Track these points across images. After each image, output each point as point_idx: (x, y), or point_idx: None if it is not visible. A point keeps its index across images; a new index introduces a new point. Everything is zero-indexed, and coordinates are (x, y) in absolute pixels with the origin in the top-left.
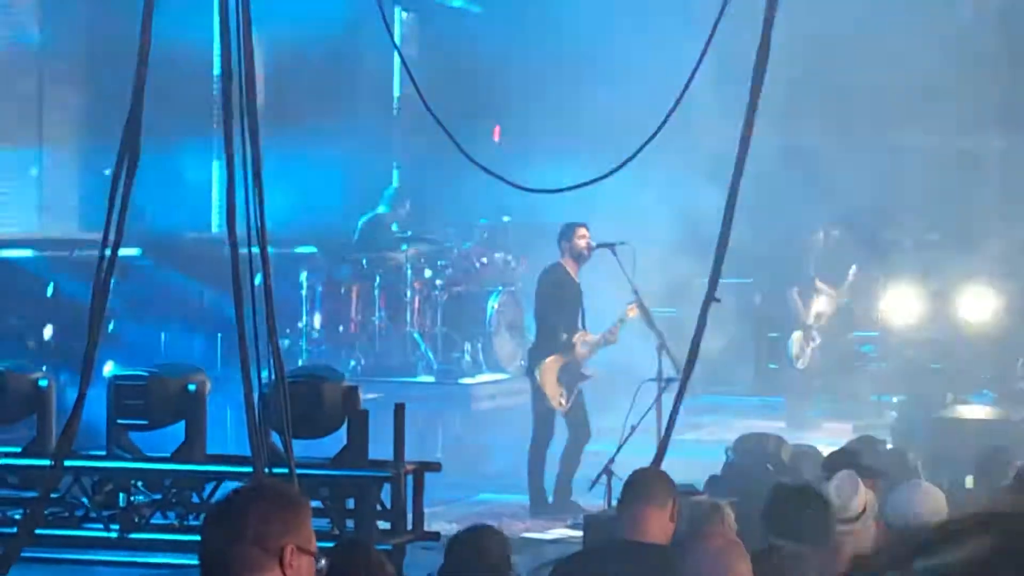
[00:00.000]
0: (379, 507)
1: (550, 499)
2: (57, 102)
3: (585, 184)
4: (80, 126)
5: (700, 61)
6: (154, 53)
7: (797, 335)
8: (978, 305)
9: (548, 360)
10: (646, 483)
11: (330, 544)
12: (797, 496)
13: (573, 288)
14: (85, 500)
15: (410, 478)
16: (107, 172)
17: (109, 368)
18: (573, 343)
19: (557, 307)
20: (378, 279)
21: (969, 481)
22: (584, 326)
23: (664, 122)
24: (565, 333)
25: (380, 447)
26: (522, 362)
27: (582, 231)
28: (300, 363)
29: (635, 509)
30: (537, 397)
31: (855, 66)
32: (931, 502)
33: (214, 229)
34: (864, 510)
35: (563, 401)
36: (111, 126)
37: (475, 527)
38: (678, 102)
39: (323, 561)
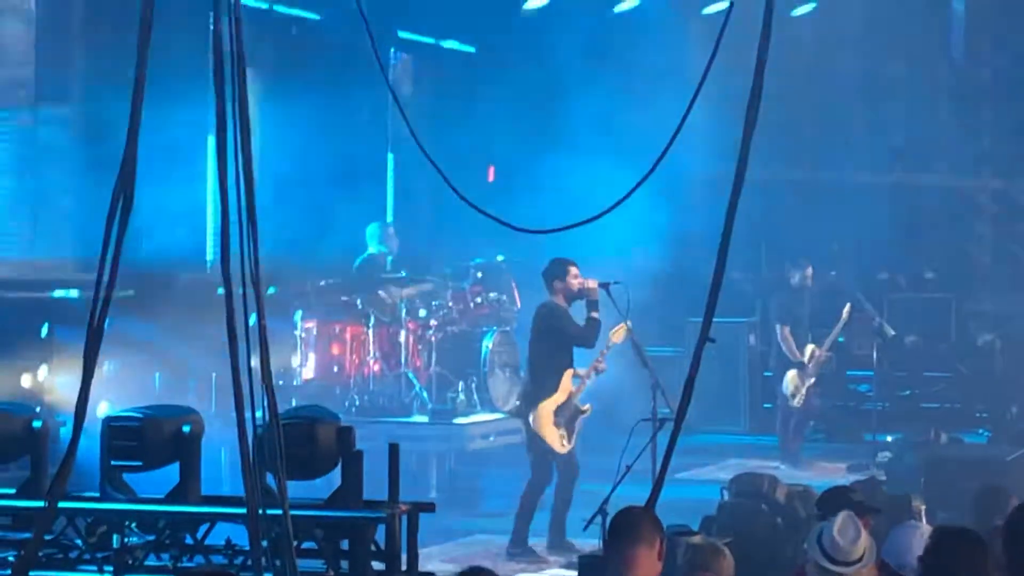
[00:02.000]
0: (374, 547)
1: (543, 540)
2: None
3: (579, 224)
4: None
5: (693, 100)
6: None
7: (792, 373)
8: (972, 344)
9: (542, 405)
10: (633, 523)
11: None
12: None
13: (570, 325)
14: (79, 541)
15: (404, 518)
16: None
17: (103, 409)
18: (562, 382)
19: (550, 346)
20: (372, 319)
21: (967, 521)
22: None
23: (656, 163)
24: (555, 373)
25: (375, 487)
26: (517, 401)
27: (574, 270)
28: (294, 404)
29: (624, 550)
30: (535, 442)
31: (851, 104)
32: None
33: (209, 269)
34: (864, 554)
35: (566, 442)
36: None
37: (474, 569)
38: (671, 143)
39: None
